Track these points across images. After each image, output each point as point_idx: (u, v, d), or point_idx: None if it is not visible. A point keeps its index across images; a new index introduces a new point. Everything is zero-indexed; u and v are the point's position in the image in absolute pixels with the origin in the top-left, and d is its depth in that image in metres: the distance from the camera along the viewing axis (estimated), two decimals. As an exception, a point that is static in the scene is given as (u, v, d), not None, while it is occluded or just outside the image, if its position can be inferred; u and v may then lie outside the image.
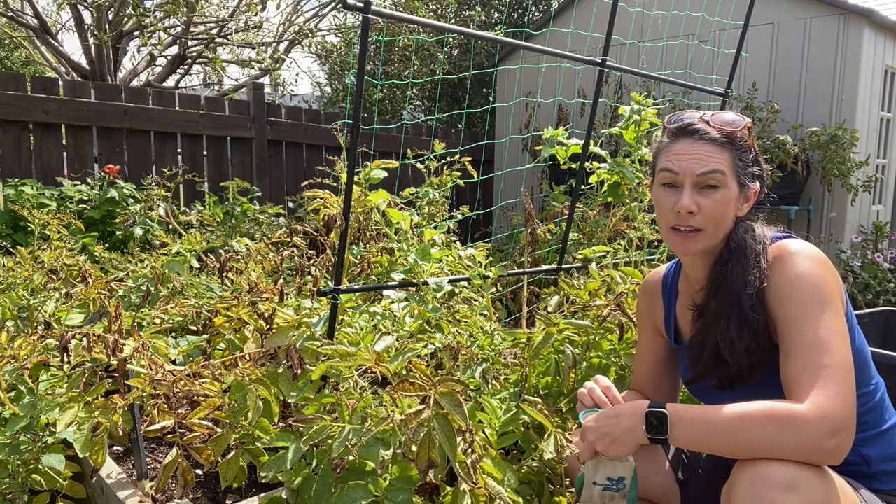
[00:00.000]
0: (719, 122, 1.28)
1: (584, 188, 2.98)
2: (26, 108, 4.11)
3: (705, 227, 1.27)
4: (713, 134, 1.26)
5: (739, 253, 1.26)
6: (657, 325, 1.52)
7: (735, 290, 1.24)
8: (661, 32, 5.19)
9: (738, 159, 1.27)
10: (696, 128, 1.28)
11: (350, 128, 1.71)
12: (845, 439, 1.05)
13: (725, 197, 1.26)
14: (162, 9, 6.52)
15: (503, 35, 2.79)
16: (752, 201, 1.32)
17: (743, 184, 1.28)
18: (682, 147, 1.28)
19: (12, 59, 10.98)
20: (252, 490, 1.73)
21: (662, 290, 1.52)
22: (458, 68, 8.15)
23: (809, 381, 1.09)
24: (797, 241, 1.26)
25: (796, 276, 1.18)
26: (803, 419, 1.04)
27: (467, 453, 1.33)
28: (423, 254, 1.94)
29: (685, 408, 1.13)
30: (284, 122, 5.46)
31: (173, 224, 3.26)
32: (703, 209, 1.26)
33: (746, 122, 1.29)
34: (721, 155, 1.26)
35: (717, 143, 1.26)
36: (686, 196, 1.26)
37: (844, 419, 1.05)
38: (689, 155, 1.26)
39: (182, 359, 1.86)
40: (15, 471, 1.56)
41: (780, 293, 1.19)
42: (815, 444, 1.03)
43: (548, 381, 1.91)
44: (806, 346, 1.12)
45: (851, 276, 4.36)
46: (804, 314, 1.15)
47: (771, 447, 1.05)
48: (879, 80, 4.79)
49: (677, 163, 1.27)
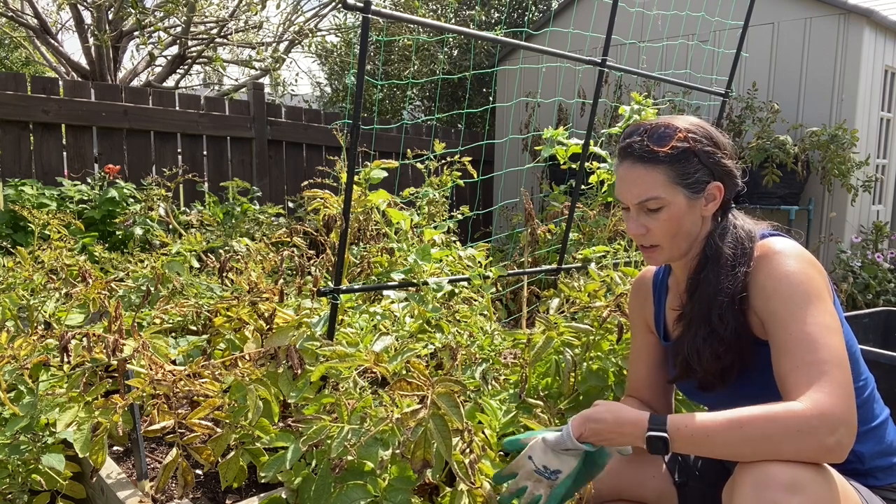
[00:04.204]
0: (651, 139, 1.27)
1: (584, 188, 2.98)
2: (26, 108, 4.11)
3: (660, 243, 1.31)
4: (644, 155, 1.27)
5: (714, 260, 1.27)
6: (648, 323, 1.52)
7: (706, 299, 1.26)
8: (661, 32, 5.19)
9: (674, 172, 1.26)
10: (630, 150, 1.29)
11: (350, 128, 1.71)
12: (846, 435, 1.04)
13: (671, 214, 1.27)
14: (162, 9, 6.53)
15: (503, 35, 2.80)
16: (718, 198, 1.30)
17: (694, 191, 1.27)
18: (622, 172, 1.31)
19: (12, 59, 10.98)
20: (252, 490, 1.73)
21: (653, 287, 1.52)
22: (458, 68, 8.15)
23: (803, 379, 1.09)
24: (782, 239, 1.26)
25: (781, 275, 1.19)
26: (801, 418, 1.04)
27: (466, 453, 1.33)
28: (423, 254, 1.94)
29: (685, 422, 1.12)
30: (284, 122, 5.46)
31: (173, 224, 3.26)
32: (651, 230, 1.29)
33: (679, 131, 1.26)
34: (653, 176, 1.26)
35: (650, 163, 1.26)
36: (632, 221, 1.31)
37: (843, 414, 1.04)
38: (625, 182, 1.30)
39: (182, 359, 1.86)
40: (15, 471, 1.56)
41: (766, 292, 1.20)
42: (816, 442, 1.03)
43: (548, 381, 1.91)
44: (795, 343, 1.12)
45: (851, 276, 4.36)
46: (791, 311, 1.15)
47: (773, 449, 1.05)
48: (879, 80, 4.79)
49: (619, 190, 1.33)
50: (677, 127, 1.28)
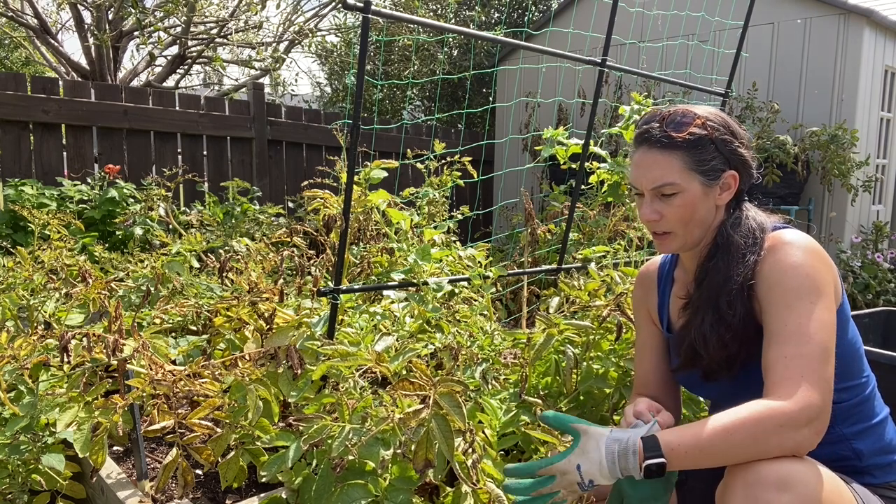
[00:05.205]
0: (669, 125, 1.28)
1: (584, 188, 2.98)
2: (26, 108, 4.11)
3: (673, 230, 1.30)
4: (662, 140, 1.27)
5: (724, 248, 1.27)
6: (652, 314, 1.52)
7: (715, 286, 1.26)
8: (661, 32, 5.19)
9: (691, 158, 1.26)
10: (647, 136, 1.29)
11: (350, 128, 1.71)
12: (820, 425, 1.07)
13: (685, 200, 1.27)
14: (162, 8, 6.52)
15: (503, 35, 2.80)
16: (733, 187, 1.30)
17: (710, 178, 1.28)
18: (638, 157, 1.31)
19: (12, 59, 10.98)
20: (252, 490, 1.73)
21: (658, 278, 1.52)
22: (458, 68, 8.15)
23: (789, 372, 1.10)
24: (793, 231, 1.26)
25: (787, 266, 1.19)
26: (783, 414, 1.06)
27: (468, 454, 1.33)
28: (423, 254, 1.94)
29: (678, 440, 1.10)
30: (284, 122, 5.46)
31: (173, 224, 3.26)
32: (665, 216, 1.29)
33: (697, 118, 1.28)
34: (671, 162, 1.26)
35: (667, 149, 1.27)
36: (646, 206, 1.30)
37: (820, 407, 1.07)
38: (640, 167, 1.30)
39: (182, 359, 1.86)
40: (15, 471, 1.56)
41: (769, 282, 1.20)
42: (796, 434, 1.06)
43: (548, 381, 1.91)
44: (789, 335, 1.13)
45: (851, 276, 4.36)
46: (789, 303, 1.16)
47: (761, 449, 1.06)
48: (879, 80, 4.80)
49: (634, 175, 1.32)
50: (696, 114, 1.29)
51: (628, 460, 1.10)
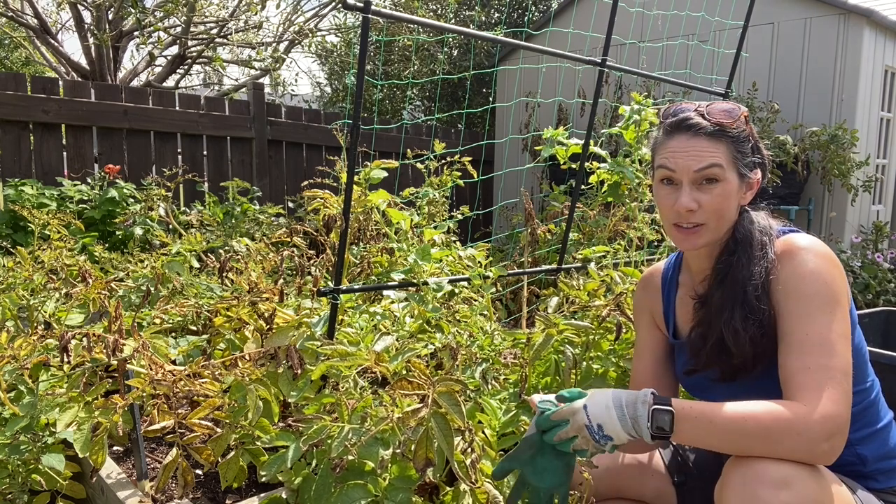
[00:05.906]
0: (714, 113, 1.26)
1: (584, 188, 2.98)
2: (26, 108, 4.11)
3: (707, 222, 1.26)
4: (709, 128, 1.25)
5: (745, 243, 1.26)
6: (656, 320, 1.51)
7: (740, 281, 1.23)
8: (661, 32, 5.19)
9: (735, 150, 1.25)
10: (692, 122, 1.26)
11: (350, 128, 1.71)
12: (839, 441, 1.06)
13: (725, 190, 1.24)
14: (162, 8, 6.53)
15: (503, 35, 2.80)
16: (755, 189, 1.30)
17: (743, 174, 1.27)
18: (678, 143, 1.26)
19: (12, 59, 10.98)
20: (252, 490, 1.73)
21: (662, 284, 1.51)
22: (458, 68, 8.15)
23: (813, 382, 1.08)
24: (805, 235, 1.25)
25: (807, 273, 1.17)
26: (806, 423, 1.04)
27: (467, 453, 1.33)
28: (423, 254, 1.94)
29: (690, 404, 1.11)
30: (284, 122, 5.46)
31: (173, 224, 3.26)
32: (703, 205, 1.24)
33: (743, 111, 1.27)
34: (717, 148, 1.24)
35: (714, 137, 1.24)
36: (685, 194, 1.25)
37: (842, 423, 1.06)
38: (685, 152, 1.25)
39: (182, 359, 1.86)
40: (15, 471, 1.56)
41: (788, 289, 1.19)
42: (812, 445, 1.04)
43: (548, 381, 1.91)
44: (812, 345, 1.12)
45: (851, 276, 4.36)
46: (810, 313, 1.14)
47: (771, 447, 1.05)
48: (879, 80, 4.80)
49: (674, 160, 1.26)
50: (742, 108, 1.28)
51: (637, 408, 1.11)
